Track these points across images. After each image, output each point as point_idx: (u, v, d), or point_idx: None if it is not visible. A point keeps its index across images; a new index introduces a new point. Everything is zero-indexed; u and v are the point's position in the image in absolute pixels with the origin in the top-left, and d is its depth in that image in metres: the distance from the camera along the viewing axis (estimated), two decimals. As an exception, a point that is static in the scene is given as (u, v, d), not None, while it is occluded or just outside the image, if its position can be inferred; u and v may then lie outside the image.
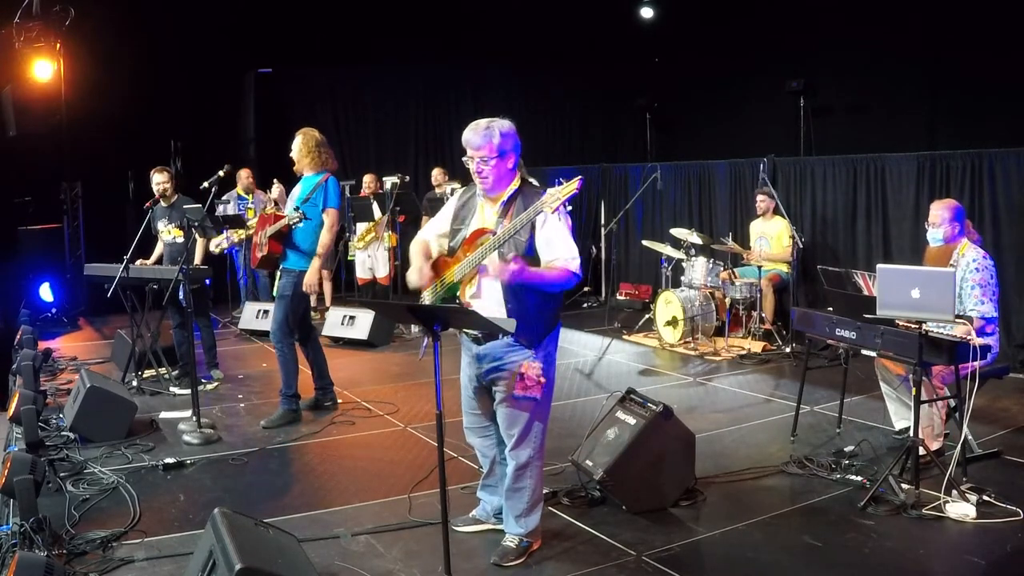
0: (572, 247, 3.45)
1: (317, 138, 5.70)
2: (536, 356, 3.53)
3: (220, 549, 2.85)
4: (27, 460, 3.90)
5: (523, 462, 3.63)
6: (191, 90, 10.11)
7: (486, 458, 3.92)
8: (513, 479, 3.66)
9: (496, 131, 3.56)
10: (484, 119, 3.63)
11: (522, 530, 3.69)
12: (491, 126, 3.59)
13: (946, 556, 3.71)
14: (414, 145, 12.28)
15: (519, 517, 3.69)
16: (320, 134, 5.76)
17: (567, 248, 3.44)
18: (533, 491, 3.68)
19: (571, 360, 7.62)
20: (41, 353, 6.81)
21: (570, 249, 3.44)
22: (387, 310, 7.21)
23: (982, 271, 4.61)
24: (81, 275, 8.66)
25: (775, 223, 7.99)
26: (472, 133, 3.61)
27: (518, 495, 3.67)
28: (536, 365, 3.52)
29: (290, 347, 5.69)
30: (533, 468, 3.64)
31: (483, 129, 3.59)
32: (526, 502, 3.67)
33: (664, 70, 12.47)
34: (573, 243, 3.47)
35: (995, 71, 8.07)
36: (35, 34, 8.52)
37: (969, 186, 6.87)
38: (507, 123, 3.61)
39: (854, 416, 5.51)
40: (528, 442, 3.61)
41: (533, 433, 3.61)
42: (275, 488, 4.60)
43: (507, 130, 3.58)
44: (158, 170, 6.75)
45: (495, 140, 3.55)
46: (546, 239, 3.45)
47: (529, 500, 3.68)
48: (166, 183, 6.69)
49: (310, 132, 5.74)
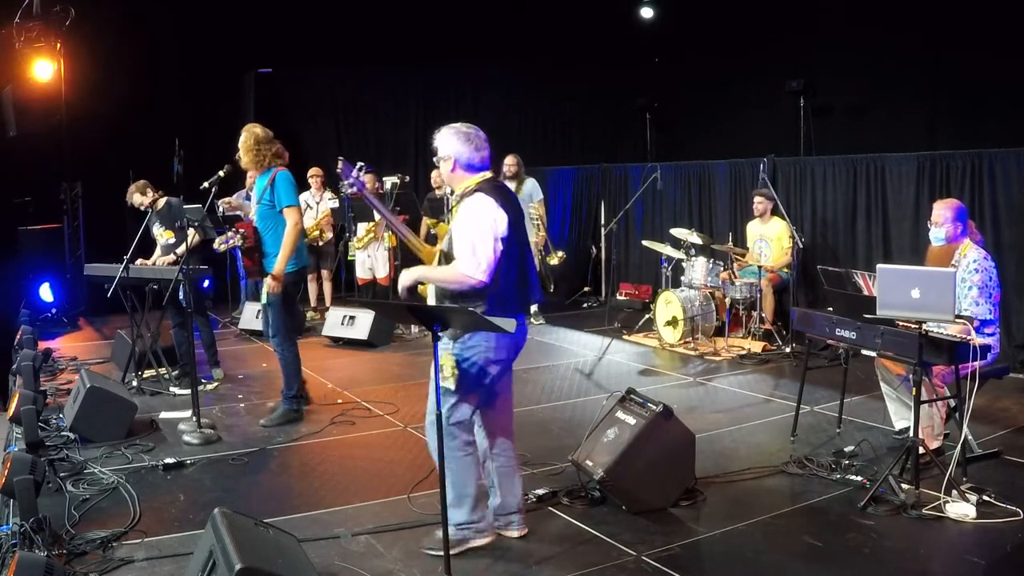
0: (468, 248, 3.46)
1: (258, 135, 5.54)
2: (454, 350, 3.56)
3: (220, 549, 2.85)
4: (27, 460, 3.90)
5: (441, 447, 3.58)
6: (191, 90, 10.10)
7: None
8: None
9: (442, 136, 3.69)
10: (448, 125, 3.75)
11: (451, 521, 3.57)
12: (441, 131, 3.73)
13: (946, 556, 3.71)
14: (414, 145, 12.27)
15: (451, 509, 3.59)
16: (264, 130, 5.59)
17: (461, 248, 3.49)
18: (452, 485, 3.61)
19: (571, 360, 7.61)
20: (41, 353, 6.81)
21: (464, 249, 3.47)
22: (387, 310, 7.21)
23: (982, 272, 4.61)
24: (81, 275, 8.66)
25: (774, 225, 7.99)
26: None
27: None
28: (450, 358, 3.55)
29: (291, 348, 5.68)
30: (449, 459, 3.56)
31: (437, 134, 3.73)
32: (451, 495, 3.58)
33: (664, 70, 12.47)
34: (476, 244, 3.46)
35: (995, 71, 8.06)
36: (35, 34, 8.52)
37: (969, 186, 6.87)
38: (454, 128, 3.70)
39: (854, 416, 5.51)
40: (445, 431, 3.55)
41: (450, 423, 3.60)
42: (275, 488, 4.60)
43: (450, 134, 3.68)
44: (132, 188, 6.85)
45: (439, 144, 3.68)
46: (452, 238, 3.58)
47: (452, 493, 3.61)
48: (143, 199, 6.81)
49: (251, 129, 5.59)
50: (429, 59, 11.62)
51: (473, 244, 3.46)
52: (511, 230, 3.55)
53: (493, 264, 3.48)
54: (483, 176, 3.66)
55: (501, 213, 3.52)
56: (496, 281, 3.51)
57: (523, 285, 3.65)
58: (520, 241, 3.65)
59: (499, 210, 3.52)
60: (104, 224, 10.04)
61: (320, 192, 9.63)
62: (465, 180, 3.65)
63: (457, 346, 3.58)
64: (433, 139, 3.74)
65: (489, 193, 3.56)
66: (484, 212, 3.51)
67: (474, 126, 3.74)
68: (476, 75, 12.40)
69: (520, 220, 3.69)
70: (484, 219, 3.50)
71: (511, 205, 3.63)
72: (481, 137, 3.69)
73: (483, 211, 3.51)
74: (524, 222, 3.78)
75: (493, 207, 3.52)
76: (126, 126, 9.58)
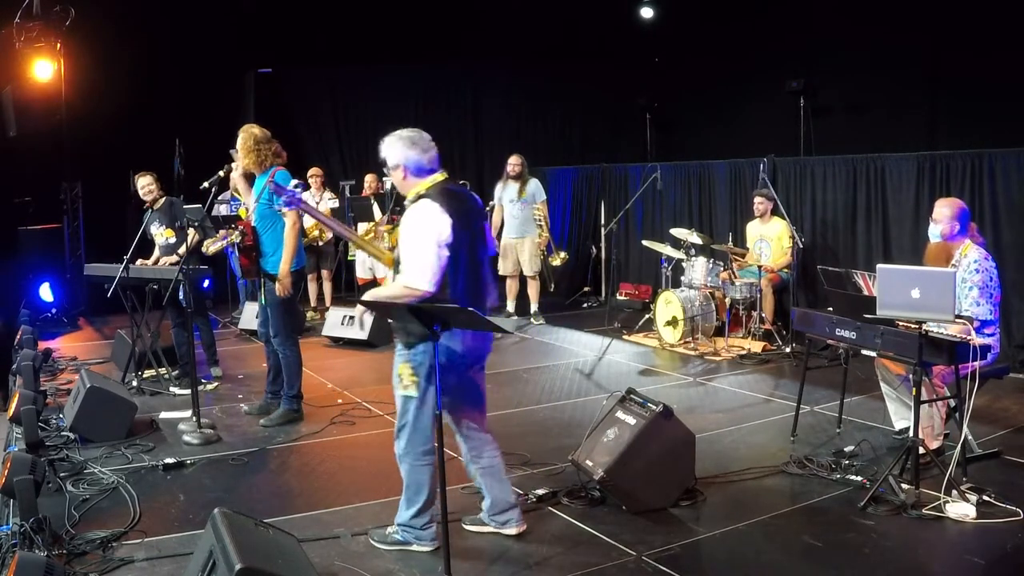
0: (410, 258, 3.44)
1: (257, 135, 5.54)
2: (410, 359, 3.57)
3: (220, 549, 2.85)
4: (27, 460, 3.91)
5: (397, 454, 3.72)
6: (191, 90, 10.10)
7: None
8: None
9: (387, 144, 3.66)
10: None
11: (397, 519, 3.75)
12: (385, 140, 3.68)
13: (946, 556, 3.71)
14: (414, 145, 12.27)
15: (400, 509, 3.75)
16: (262, 130, 5.59)
17: (405, 258, 3.47)
18: (407, 487, 3.71)
19: (571, 360, 7.62)
20: (41, 353, 6.81)
21: (407, 260, 3.45)
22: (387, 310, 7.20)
23: (982, 272, 4.61)
24: (81, 275, 8.66)
25: (774, 225, 7.99)
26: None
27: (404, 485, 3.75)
28: (407, 366, 3.58)
29: (292, 348, 5.68)
30: (404, 463, 3.69)
31: (382, 144, 3.70)
32: (404, 495, 3.73)
33: (664, 70, 12.46)
34: (419, 254, 3.42)
35: (995, 71, 8.06)
36: (35, 34, 8.52)
37: (969, 186, 6.86)
38: (397, 135, 3.66)
39: (854, 416, 5.51)
40: (401, 436, 3.68)
41: (406, 430, 3.66)
42: (275, 488, 4.60)
43: (395, 142, 3.64)
44: (142, 174, 6.79)
45: (386, 153, 3.66)
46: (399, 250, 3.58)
47: (405, 495, 3.73)
48: (151, 185, 6.73)
49: (249, 129, 5.59)
50: (429, 59, 11.62)
51: (415, 254, 3.43)
52: (458, 235, 3.48)
53: (438, 273, 3.44)
54: (434, 180, 3.61)
55: (445, 219, 3.44)
56: (444, 288, 3.48)
57: (475, 289, 3.60)
58: (470, 245, 3.56)
59: (443, 215, 3.45)
60: (104, 224, 10.05)
61: (320, 192, 9.64)
62: (416, 185, 3.61)
63: (410, 353, 3.57)
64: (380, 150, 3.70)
65: (435, 199, 3.49)
66: (426, 220, 3.45)
67: (418, 129, 3.69)
68: (476, 75, 12.40)
69: (473, 223, 3.62)
70: (426, 227, 3.44)
71: (462, 208, 3.56)
72: (426, 139, 3.65)
73: (425, 219, 3.45)
74: (481, 224, 3.73)
75: (436, 213, 3.45)
76: (126, 126, 9.58)
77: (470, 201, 3.70)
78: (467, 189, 3.81)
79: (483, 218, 3.80)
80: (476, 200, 3.78)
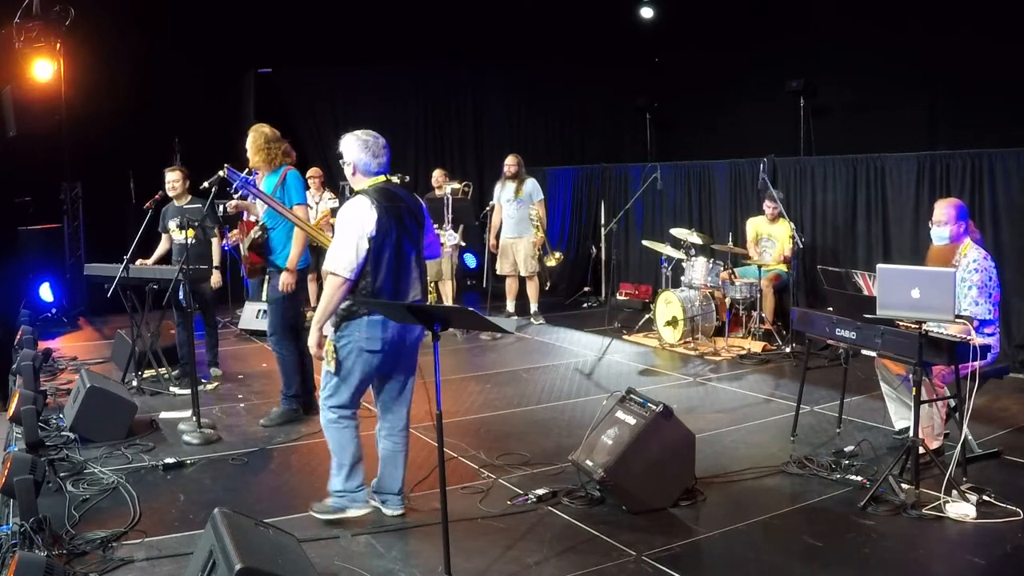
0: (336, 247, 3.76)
1: (267, 134, 5.59)
2: (333, 336, 3.88)
3: (220, 549, 2.85)
4: (27, 460, 3.91)
5: (322, 424, 4.07)
6: (191, 90, 10.10)
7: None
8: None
9: (345, 142, 4.02)
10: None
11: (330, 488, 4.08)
12: (345, 136, 4.04)
13: (946, 556, 3.71)
14: (414, 145, 12.27)
15: (331, 477, 4.08)
16: (271, 129, 5.64)
17: (332, 247, 3.80)
18: (333, 453, 4.06)
19: (571, 360, 7.61)
20: (41, 353, 6.81)
21: (333, 248, 3.78)
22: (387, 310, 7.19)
23: (981, 272, 4.60)
24: (81, 275, 8.66)
25: (780, 226, 7.99)
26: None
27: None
28: (331, 343, 3.89)
29: (289, 348, 5.68)
30: (329, 428, 4.03)
31: (342, 140, 4.05)
32: (332, 462, 4.07)
33: (664, 70, 12.46)
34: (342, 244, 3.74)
35: (995, 71, 8.06)
36: (35, 34, 8.51)
37: (969, 186, 6.87)
38: (355, 135, 4.00)
39: (854, 416, 5.51)
40: (323, 403, 4.02)
41: (329, 398, 3.98)
42: (275, 488, 4.60)
43: (352, 141, 3.99)
44: (171, 169, 6.82)
45: (342, 149, 4.02)
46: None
47: (333, 461, 4.06)
48: (177, 181, 6.73)
49: (260, 128, 5.64)
50: (429, 59, 11.62)
51: (339, 243, 3.76)
52: (383, 230, 3.77)
53: (356, 262, 3.75)
54: (376, 180, 3.92)
55: (371, 213, 3.76)
56: (366, 277, 3.78)
57: (396, 281, 3.85)
58: (397, 241, 3.83)
59: (371, 211, 3.76)
60: (104, 224, 10.04)
61: (320, 192, 9.63)
62: (362, 183, 3.94)
63: (336, 334, 3.87)
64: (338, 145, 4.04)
65: (369, 195, 3.82)
66: (353, 213, 3.78)
67: (374, 133, 4.02)
68: (476, 75, 12.40)
69: (406, 221, 3.89)
70: (352, 219, 3.77)
71: (393, 207, 3.85)
72: (380, 144, 3.97)
73: (353, 212, 3.78)
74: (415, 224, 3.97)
75: (365, 207, 3.78)
76: (126, 126, 9.58)
77: (407, 202, 3.98)
78: (407, 192, 4.10)
79: (418, 219, 4.02)
80: (414, 202, 4.05)
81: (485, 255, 9.70)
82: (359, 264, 3.75)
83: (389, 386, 4.08)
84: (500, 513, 4.18)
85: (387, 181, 3.96)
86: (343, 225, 3.78)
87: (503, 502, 4.31)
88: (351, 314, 3.82)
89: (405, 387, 4.11)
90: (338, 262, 3.75)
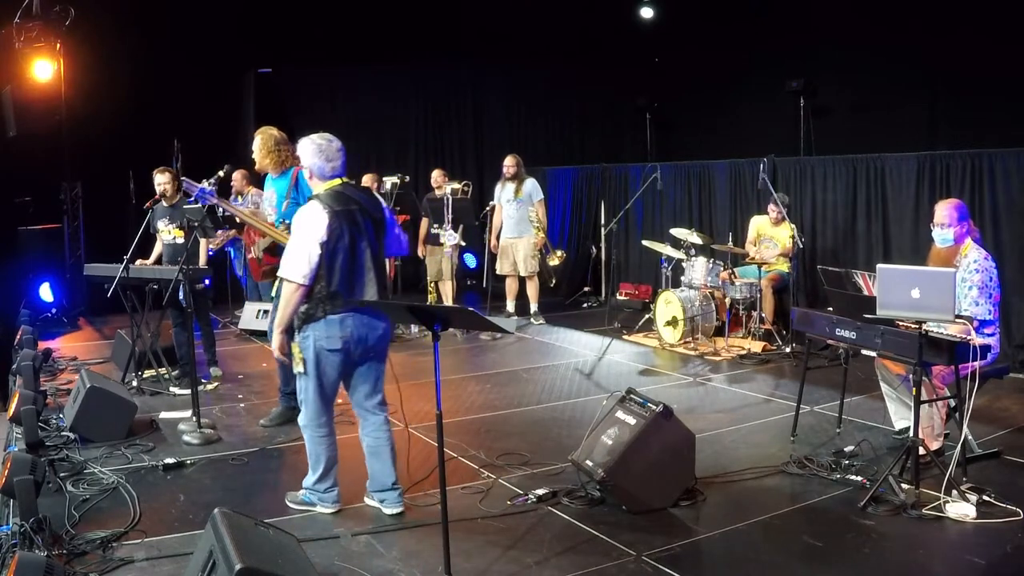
0: (290, 253, 3.88)
1: (276, 136, 5.59)
2: (299, 340, 3.98)
3: (220, 549, 2.85)
4: (27, 460, 3.91)
5: (300, 424, 4.20)
6: (191, 90, 10.10)
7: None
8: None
9: (301, 146, 4.08)
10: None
11: (303, 484, 4.23)
12: (301, 141, 4.11)
13: (946, 556, 3.71)
14: (414, 145, 12.28)
15: (308, 473, 4.20)
16: (279, 131, 5.65)
17: (286, 253, 3.91)
18: (309, 454, 4.18)
19: (571, 360, 7.61)
20: (41, 353, 6.81)
21: (287, 254, 3.89)
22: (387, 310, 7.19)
23: (982, 272, 4.60)
24: (81, 275, 8.65)
25: (783, 229, 7.97)
26: None
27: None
28: (295, 346, 4.00)
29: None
30: (305, 433, 4.17)
31: (298, 144, 4.15)
32: (309, 461, 4.18)
33: (664, 70, 12.46)
34: (296, 250, 3.85)
35: (995, 71, 8.06)
36: (35, 34, 8.51)
37: (969, 186, 6.87)
38: (310, 139, 4.06)
39: (854, 416, 5.51)
40: (302, 408, 4.13)
41: (304, 404, 4.10)
42: (275, 488, 4.60)
43: (307, 145, 4.05)
44: (160, 170, 6.79)
45: (299, 153, 4.11)
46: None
47: (309, 460, 4.18)
48: (167, 183, 6.72)
49: (268, 131, 5.63)
50: (429, 59, 11.62)
51: (292, 250, 3.87)
52: (336, 232, 3.84)
53: (311, 267, 3.84)
54: (331, 184, 4.00)
55: (322, 219, 3.83)
56: (320, 280, 3.87)
57: (350, 284, 3.92)
58: (349, 244, 3.89)
59: (321, 215, 3.84)
60: (104, 224, 10.04)
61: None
62: (319, 187, 4.03)
63: (299, 335, 3.99)
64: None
65: (322, 200, 3.90)
66: (306, 219, 3.88)
67: (329, 136, 4.07)
68: (476, 75, 12.41)
69: (363, 222, 3.95)
70: (305, 225, 3.86)
71: (347, 209, 3.92)
72: (334, 147, 4.04)
73: (306, 218, 3.88)
74: (370, 224, 4.01)
75: (317, 212, 3.86)
76: (126, 126, 9.58)
77: (361, 203, 4.02)
78: (364, 192, 4.18)
79: (374, 217, 4.06)
80: (370, 201, 4.09)
81: (485, 255, 9.70)
82: (312, 269, 3.84)
83: (359, 384, 4.15)
84: (500, 513, 4.18)
85: (343, 184, 4.03)
86: (295, 232, 3.90)
87: (503, 502, 4.31)
88: (309, 317, 3.92)
89: (376, 383, 4.18)
90: (292, 269, 3.85)
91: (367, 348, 4.03)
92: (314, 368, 3.98)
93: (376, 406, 4.19)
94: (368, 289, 3.97)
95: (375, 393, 4.19)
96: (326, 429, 4.12)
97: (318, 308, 3.89)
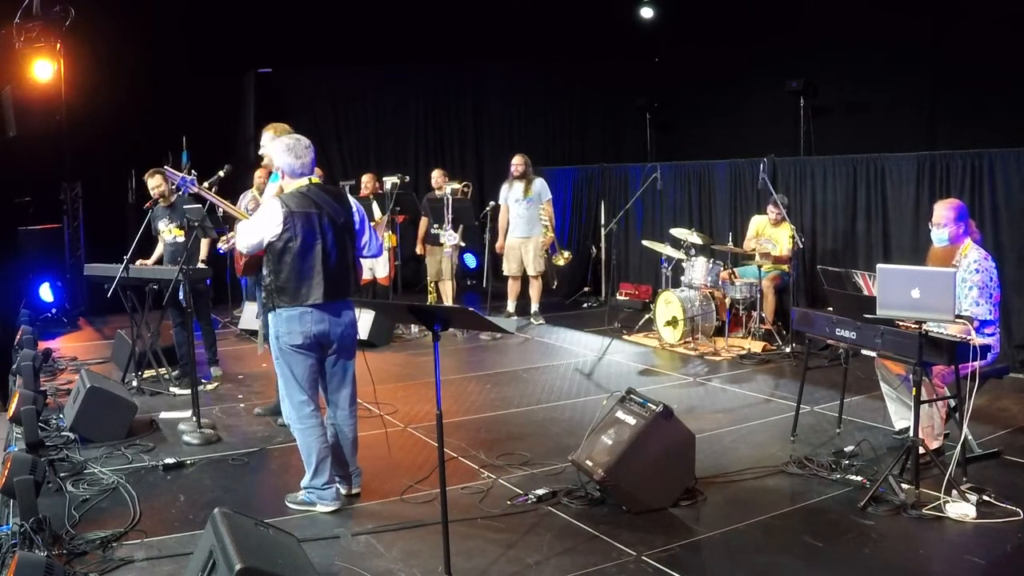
0: (243, 232, 4.09)
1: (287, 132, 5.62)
2: (270, 331, 4.14)
3: (220, 549, 2.85)
4: (27, 460, 3.91)
5: (286, 422, 4.34)
6: (191, 90, 10.10)
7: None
8: None
9: (272, 147, 4.33)
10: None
11: (301, 484, 4.27)
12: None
13: (946, 556, 3.71)
14: (414, 145, 12.28)
15: (305, 473, 4.24)
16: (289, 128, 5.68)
17: (240, 230, 4.15)
18: (300, 451, 4.24)
19: (571, 360, 7.61)
20: (41, 353, 6.81)
21: (241, 232, 4.11)
22: (387, 310, 7.21)
23: (982, 272, 4.60)
24: (81, 275, 8.66)
25: (783, 229, 7.96)
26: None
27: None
28: (271, 337, 4.16)
29: None
30: (291, 428, 4.26)
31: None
32: (303, 462, 4.23)
33: (664, 70, 12.46)
34: (249, 233, 4.06)
35: (995, 71, 8.06)
36: (35, 34, 8.51)
37: (969, 186, 6.87)
38: (280, 140, 4.24)
39: (854, 416, 5.51)
40: (282, 405, 4.28)
41: (283, 399, 4.25)
42: (275, 488, 4.60)
43: (277, 146, 4.22)
44: (150, 174, 6.80)
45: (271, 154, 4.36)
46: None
47: (303, 461, 4.23)
48: (160, 186, 6.72)
49: (280, 127, 5.65)
50: (429, 59, 11.63)
51: (246, 228, 4.10)
52: (286, 236, 3.99)
53: (255, 246, 4.07)
54: (300, 183, 4.15)
55: (277, 218, 4.00)
56: (270, 274, 4.05)
57: (297, 284, 4.03)
58: (299, 247, 4.00)
59: (277, 215, 4.00)
60: (104, 224, 10.04)
61: (320, 192, 9.61)
62: (290, 185, 4.17)
63: (271, 327, 4.16)
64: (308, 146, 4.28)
65: (283, 199, 4.06)
66: (264, 213, 4.07)
67: (298, 136, 4.25)
68: (476, 75, 12.40)
69: (317, 225, 4.04)
70: (262, 218, 4.06)
71: (308, 209, 4.05)
72: (302, 145, 4.19)
73: (264, 212, 4.08)
74: (332, 225, 4.11)
75: (274, 211, 4.02)
76: (126, 126, 9.58)
77: (324, 207, 4.12)
78: (331, 195, 4.26)
79: (336, 222, 4.15)
80: (336, 206, 4.18)
81: (485, 255, 9.70)
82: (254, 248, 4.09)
83: (326, 378, 4.27)
84: (500, 513, 4.18)
85: (310, 185, 4.15)
86: (256, 218, 4.12)
87: (503, 502, 4.31)
88: (268, 307, 4.13)
89: (344, 377, 4.28)
90: (240, 239, 4.12)
91: (330, 343, 4.15)
92: (284, 364, 4.13)
93: (345, 400, 4.30)
94: (314, 291, 4.05)
95: (343, 387, 4.29)
96: (312, 421, 4.17)
97: (271, 298, 4.09)
